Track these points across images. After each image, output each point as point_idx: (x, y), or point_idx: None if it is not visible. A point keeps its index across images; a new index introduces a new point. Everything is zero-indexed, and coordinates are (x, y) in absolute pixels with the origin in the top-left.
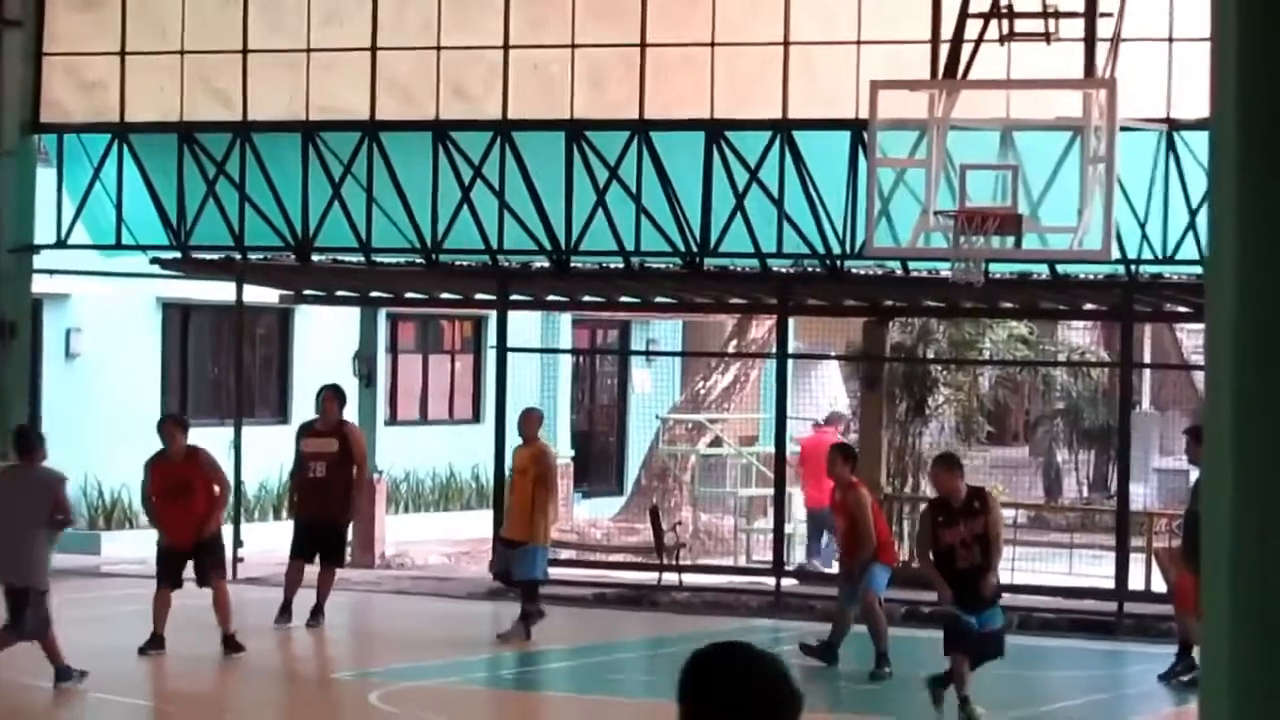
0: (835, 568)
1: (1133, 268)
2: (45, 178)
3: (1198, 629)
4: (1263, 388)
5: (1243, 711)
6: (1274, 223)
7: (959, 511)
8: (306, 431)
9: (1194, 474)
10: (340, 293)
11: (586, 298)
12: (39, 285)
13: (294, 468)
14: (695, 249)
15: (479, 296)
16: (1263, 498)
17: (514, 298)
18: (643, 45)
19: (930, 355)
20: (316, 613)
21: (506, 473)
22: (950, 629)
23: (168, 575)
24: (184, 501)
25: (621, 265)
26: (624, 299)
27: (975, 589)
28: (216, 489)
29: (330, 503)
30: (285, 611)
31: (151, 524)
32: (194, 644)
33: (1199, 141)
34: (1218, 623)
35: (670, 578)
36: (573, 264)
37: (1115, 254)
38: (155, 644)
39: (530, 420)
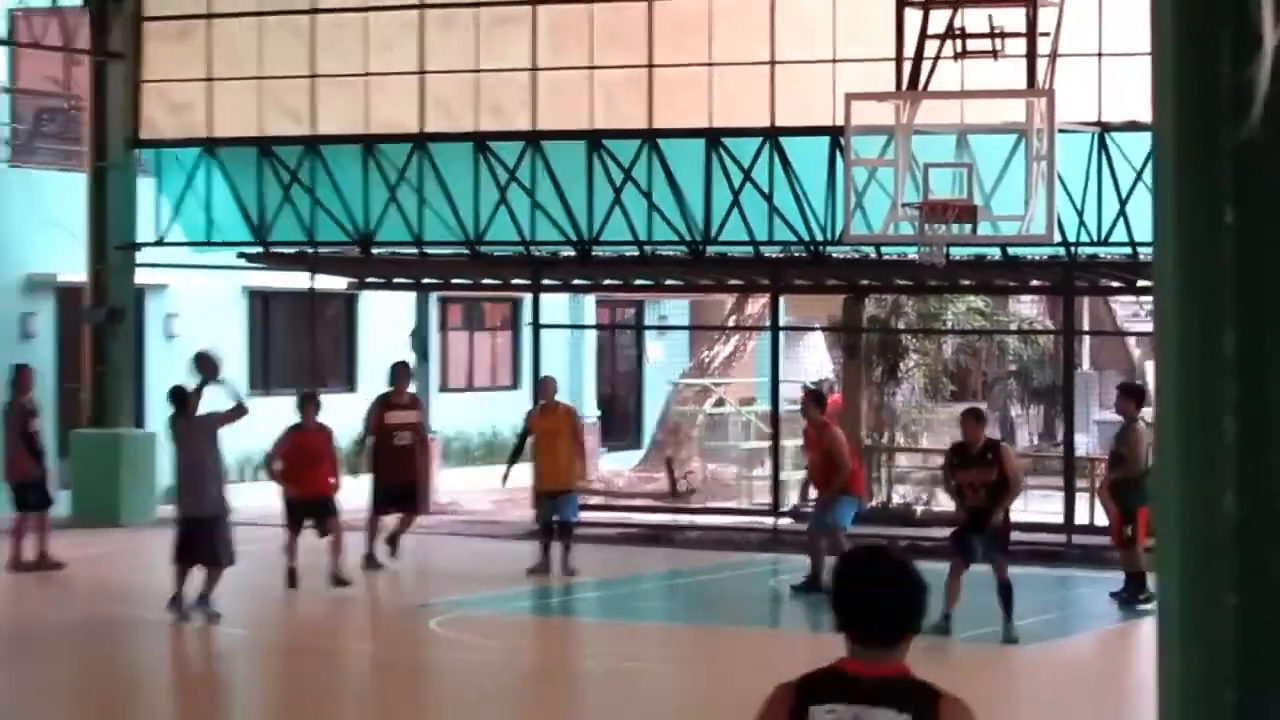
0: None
1: (1072, 249)
2: (145, 186)
3: (1145, 557)
4: (1205, 357)
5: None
6: (1206, 206)
7: (973, 459)
8: (385, 403)
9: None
10: (397, 280)
11: (607, 281)
12: (141, 277)
13: (375, 434)
14: (699, 238)
15: (515, 281)
16: (1206, 461)
17: (545, 282)
18: (650, 66)
19: (901, 326)
20: (394, 541)
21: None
22: (955, 537)
23: (297, 523)
24: (314, 466)
25: (636, 253)
26: (638, 282)
27: (980, 525)
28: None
29: (414, 465)
30: (370, 559)
31: (274, 480)
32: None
33: (1126, 141)
34: (1170, 581)
35: (683, 519)
36: (594, 253)
37: (1057, 238)
38: (292, 580)
39: (548, 385)
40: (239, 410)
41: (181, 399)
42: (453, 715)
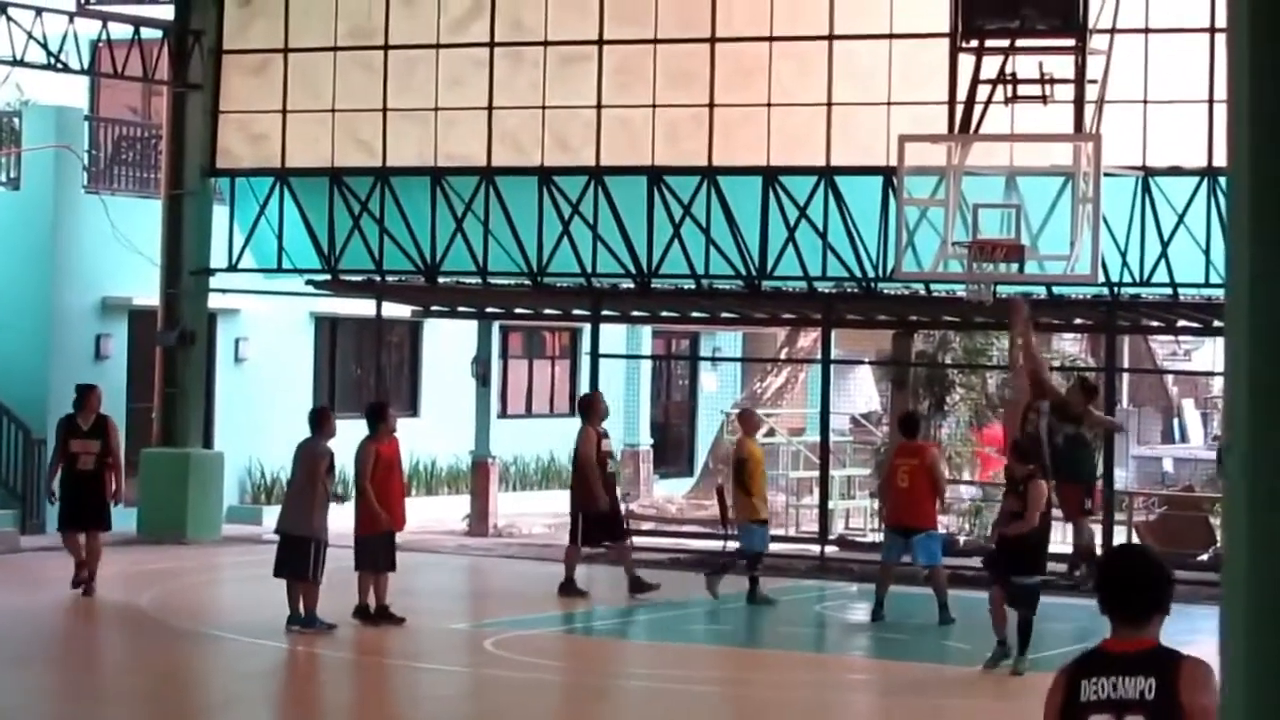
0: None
1: (1114, 289)
2: (220, 213)
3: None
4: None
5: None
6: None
7: (1009, 489)
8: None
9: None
10: (461, 308)
11: (664, 313)
12: (214, 301)
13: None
14: (754, 273)
15: (575, 311)
16: (1274, 496)
17: (604, 313)
18: (711, 105)
19: (948, 361)
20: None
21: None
22: (987, 563)
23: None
24: (392, 483)
25: (693, 286)
26: (695, 314)
27: (1008, 550)
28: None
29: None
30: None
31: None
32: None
33: (1168, 185)
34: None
35: (733, 545)
36: (653, 285)
37: (1100, 278)
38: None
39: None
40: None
41: (319, 420)
42: None
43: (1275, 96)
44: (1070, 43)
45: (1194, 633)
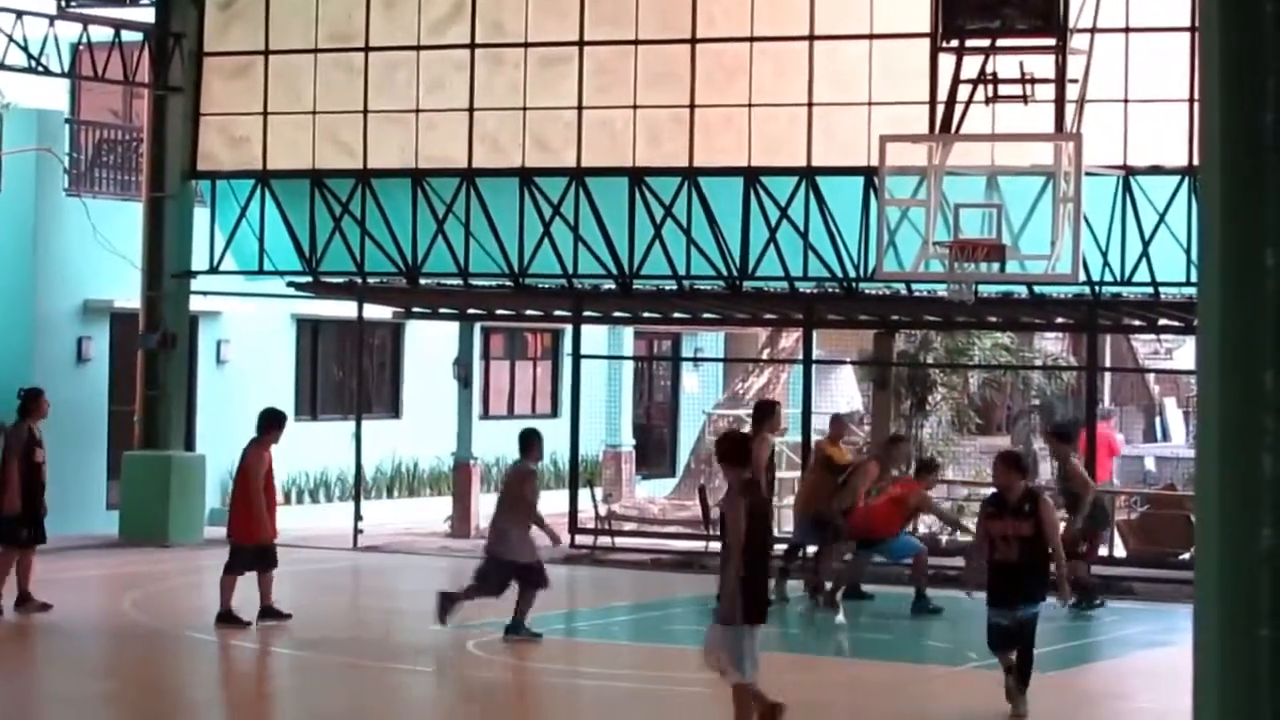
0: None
1: (1096, 288)
2: (201, 216)
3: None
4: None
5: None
6: (1248, 248)
7: (1010, 508)
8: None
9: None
10: (443, 310)
11: (645, 314)
12: (196, 304)
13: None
14: (735, 274)
15: (557, 313)
16: (1244, 496)
17: (586, 314)
18: (691, 106)
19: (929, 361)
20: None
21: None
22: (989, 632)
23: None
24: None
25: (674, 287)
26: (676, 315)
27: (1007, 582)
28: None
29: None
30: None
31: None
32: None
33: (1149, 184)
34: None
35: (715, 546)
36: (634, 286)
37: (1082, 277)
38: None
39: (840, 425)
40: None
41: (525, 444)
42: None
43: (1246, 95)
44: (1051, 42)
45: (1172, 631)
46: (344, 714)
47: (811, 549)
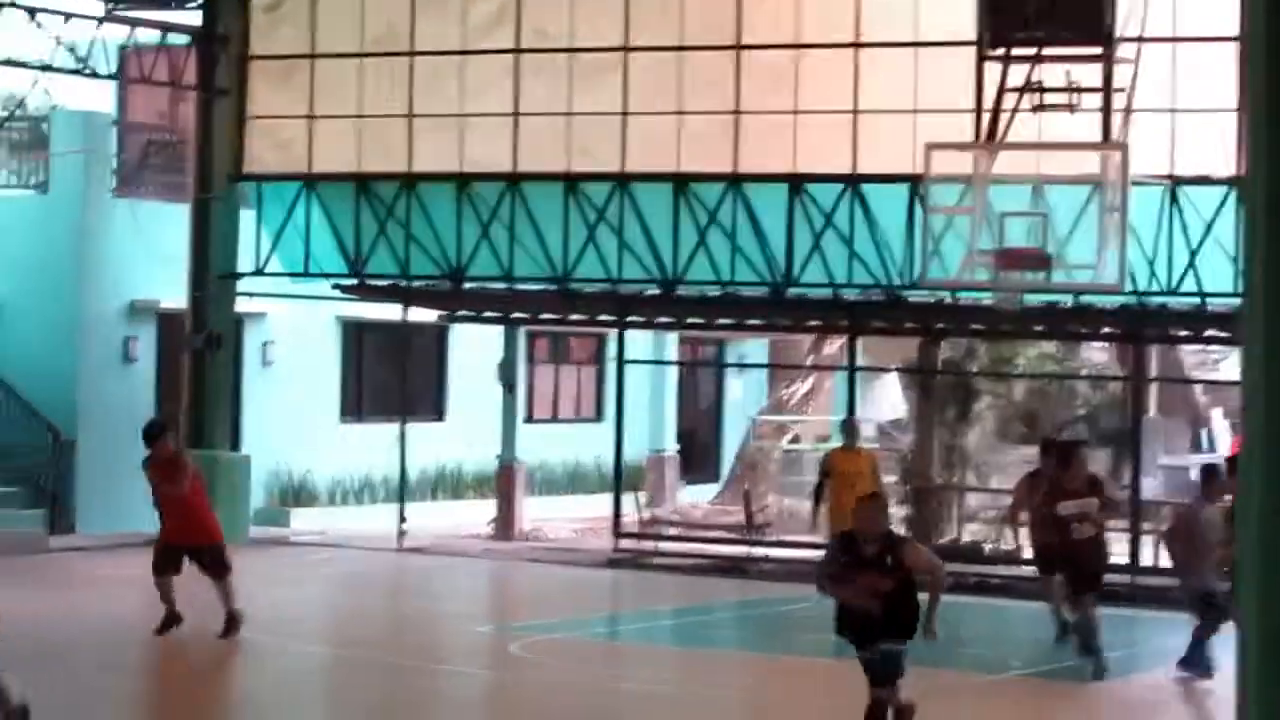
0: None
1: (1142, 298)
2: (247, 218)
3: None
4: None
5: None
6: None
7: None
8: None
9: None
10: (487, 314)
11: (690, 319)
12: (241, 306)
13: None
14: (780, 280)
15: (601, 318)
16: None
17: (630, 319)
18: (737, 113)
19: (974, 369)
20: None
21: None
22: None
23: None
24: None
25: (719, 293)
26: (720, 321)
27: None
28: None
29: None
30: None
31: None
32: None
33: (1196, 194)
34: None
35: (758, 551)
36: (678, 292)
37: (1127, 287)
38: None
39: (854, 426)
40: None
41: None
42: None
43: None
44: (1097, 51)
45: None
46: (388, 714)
47: None
